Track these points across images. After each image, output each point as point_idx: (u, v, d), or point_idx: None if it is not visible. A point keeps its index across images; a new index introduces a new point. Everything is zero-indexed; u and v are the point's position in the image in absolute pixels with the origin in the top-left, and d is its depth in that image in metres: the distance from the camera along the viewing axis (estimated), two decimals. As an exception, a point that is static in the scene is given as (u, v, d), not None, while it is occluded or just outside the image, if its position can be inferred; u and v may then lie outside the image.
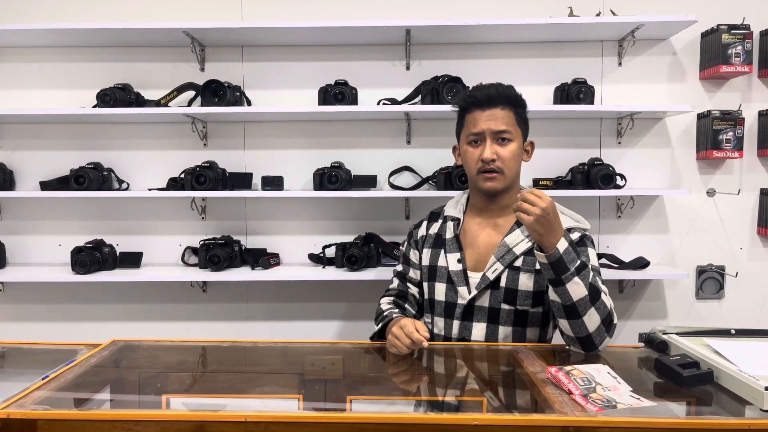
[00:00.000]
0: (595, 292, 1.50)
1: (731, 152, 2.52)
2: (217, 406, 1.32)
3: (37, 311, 2.74)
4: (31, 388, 1.28)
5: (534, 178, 2.56)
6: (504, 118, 1.67)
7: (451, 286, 1.73)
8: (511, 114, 1.69)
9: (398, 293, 1.86)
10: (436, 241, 1.81)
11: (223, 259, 2.50)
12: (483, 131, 1.67)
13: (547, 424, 1.11)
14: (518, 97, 1.72)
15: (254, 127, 2.68)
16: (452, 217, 1.81)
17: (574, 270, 1.46)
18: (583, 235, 1.70)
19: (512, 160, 1.68)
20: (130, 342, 1.68)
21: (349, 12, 2.62)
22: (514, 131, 1.69)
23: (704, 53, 2.58)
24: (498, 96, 1.68)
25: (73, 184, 2.48)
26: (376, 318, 1.79)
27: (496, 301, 1.68)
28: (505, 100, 1.68)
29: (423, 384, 1.43)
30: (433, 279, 1.78)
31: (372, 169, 2.62)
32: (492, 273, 1.67)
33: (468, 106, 1.71)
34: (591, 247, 1.70)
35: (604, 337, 1.53)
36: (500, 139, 1.67)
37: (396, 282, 1.90)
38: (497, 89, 1.69)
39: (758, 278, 2.67)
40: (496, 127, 1.66)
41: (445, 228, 1.81)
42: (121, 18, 2.63)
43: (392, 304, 1.81)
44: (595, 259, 1.68)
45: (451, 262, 1.74)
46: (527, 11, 2.58)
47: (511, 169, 1.69)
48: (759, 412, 1.15)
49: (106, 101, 2.44)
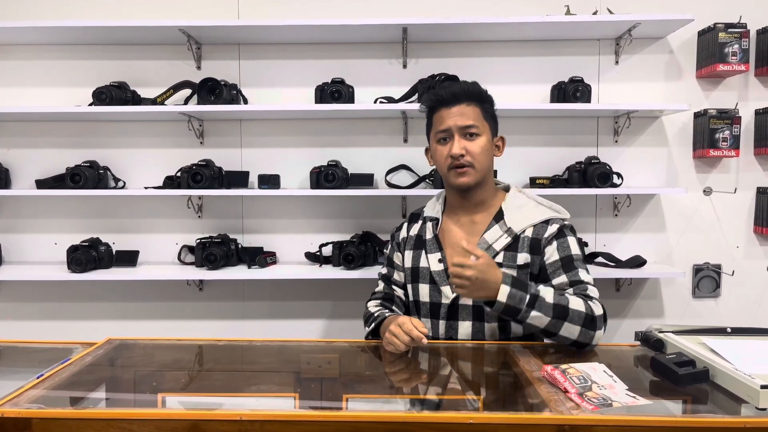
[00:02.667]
0: (561, 311, 1.49)
1: (728, 151, 2.52)
2: (212, 405, 1.32)
3: (32, 310, 2.73)
4: (25, 386, 1.27)
5: (531, 176, 2.56)
6: (470, 113, 1.68)
7: (434, 287, 1.73)
8: (477, 109, 1.70)
9: (384, 296, 1.87)
10: (417, 242, 1.81)
11: (220, 258, 2.50)
12: (450, 127, 1.68)
13: (543, 422, 1.11)
14: (483, 93, 1.73)
15: (251, 126, 2.68)
16: (431, 217, 1.82)
17: (526, 308, 1.47)
18: (562, 225, 1.70)
19: (481, 155, 1.69)
20: (126, 341, 1.68)
21: (346, 10, 2.61)
22: (480, 126, 1.69)
23: (701, 52, 2.59)
24: (462, 92, 1.69)
25: (69, 183, 2.48)
26: (365, 321, 1.79)
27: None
28: (469, 96, 1.70)
29: (419, 382, 1.43)
30: (416, 280, 1.78)
31: (369, 168, 2.61)
32: None
33: (435, 105, 1.73)
34: (571, 236, 1.70)
35: (591, 336, 1.53)
36: (468, 134, 1.68)
37: (381, 285, 1.90)
38: (461, 86, 1.72)
39: (754, 277, 2.68)
40: (462, 123, 1.67)
41: (425, 229, 1.82)
42: (117, 16, 2.62)
43: (380, 307, 1.81)
44: (577, 248, 1.68)
45: (432, 263, 1.75)
46: (524, 9, 2.58)
47: (482, 163, 1.69)
48: (755, 410, 1.15)
49: (102, 99, 2.43)
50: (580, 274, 1.63)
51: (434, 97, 1.73)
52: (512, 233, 1.68)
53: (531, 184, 2.54)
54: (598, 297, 1.60)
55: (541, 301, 1.48)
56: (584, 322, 1.50)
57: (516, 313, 1.47)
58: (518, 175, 2.62)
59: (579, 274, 1.63)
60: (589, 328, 1.51)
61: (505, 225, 1.70)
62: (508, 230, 1.69)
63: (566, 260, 1.65)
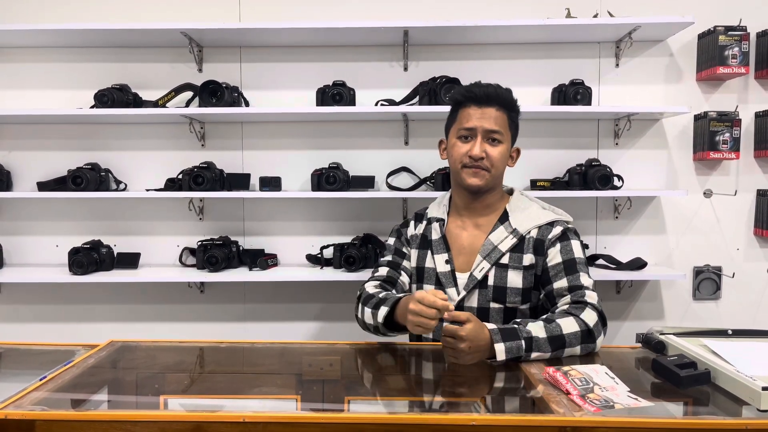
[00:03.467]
0: (557, 341, 1.47)
1: (728, 153, 2.53)
2: (215, 407, 1.32)
3: (34, 312, 2.73)
4: (28, 388, 1.27)
5: (531, 179, 2.57)
6: (498, 118, 1.68)
7: (440, 288, 1.72)
8: (505, 116, 1.69)
9: (387, 279, 1.78)
10: (423, 242, 1.80)
11: (221, 260, 2.50)
12: (475, 128, 1.67)
13: (545, 424, 1.11)
14: (514, 102, 1.72)
15: (252, 128, 2.68)
16: (437, 218, 1.81)
17: (524, 354, 1.44)
18: (566, 228, 1.70)
19: (500, 161, 1.69)
20: (128, 343, 1.68)
21: (347, 13, 2.62)
22: (505, 133, 1.69)
23: (701, 54, 2.59)
24: (495, 96, 1.68)
25: (70, 185, 2.48)
26: (364, 301, 1.69)
27: (485, 300, 1.68)
28: (501, 101, 1.69)
29: (421, 384, 1.43)
30: (420, 281, 1.77)
31: (370, 170, 2.61)
32: (479, 272, 1.68)
33: (464, 101, 1.71)
34: (575, 239, 1.70)
35: (593, 347, 1.53)
36: (491, 139, 1.68)
37: (385, 270, 1.81)
38: (496, 89, 1.69)
39: (755, 279, 2.68)
40: (489, 126, 1.67)
41: (430, 229, 1.80)
42: (119, 18, 2.63)
43: (380, 288, 1.74)
44: (580, 252, 1.68)
45: (438, 263, 1.74)
46: (525, 12, 2.59)
47: (498, 170, 1.69)
48: (756, 412, 1.15)
49: (103, 102, 2.44)
50: (581, 278, 1.63)
51: (466, 93, 1.71)
52: (518, 234, 1.69)
53: (532, 186, 2.54)
54: (597, 301, 1.59)
55: (536, 342, 1.45)
56: (582, 340, 1.50)
57: (518, 359, 1.44)
58: (519, 177, 2.62)
59: (580, 279, 1.63)
60: (588, 342, 1.51)
61: (510, 226, 1.70)
62: (513, 231, 1.69)
63: (569, 263, 1.65)
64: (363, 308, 1.70)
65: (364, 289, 1.75)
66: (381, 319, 1.59)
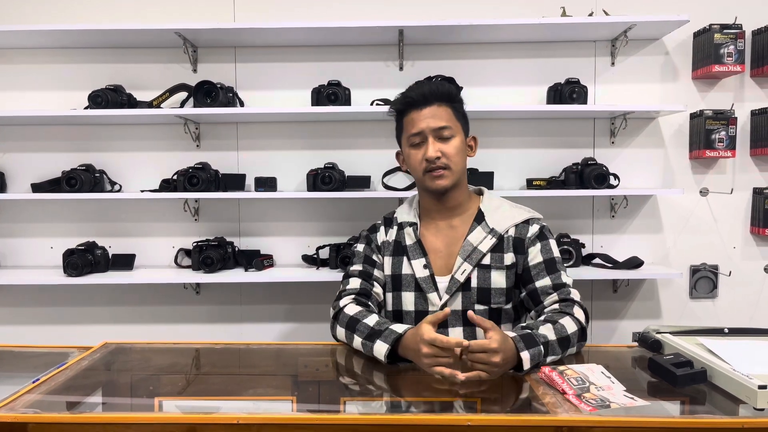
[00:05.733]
0: (565, 342, 1.47)
1: (724, 152, 2.53)
2: (209, 409, 1.31)
3: (28, 314, 2.72)
4: (21, 391, 1.27)
5: (527, 178, 2.57)
6: (442, 114, 1.65)
7: (420, 294, 1.68)
8: (449, 110, 1.67)
9: (360, 292, 1.68)
10: (396, 248, 1.74)
11: (217, 261, 2.49)
12: (423, 130, 1.64)
13: (541, 424, 1.11)
14: (453, 92, 1.69)
15: (247, 128, 2.67)
16: (409, 222, 1.75)
17: (544, 359, 1.42)
18: (541, 226, 1.70)
19: (457, 155, 1.66)
20: (122, 344, 1.67)
21: (342, 12, 2.61)
22: (454, 126, 1.66)
23: (696, 53, 2.59)
24: (432, 93, 1.65)
25: (64, 186, 2.47)
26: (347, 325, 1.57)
27: (469, 302, 1.65)
28: (440, 96, 1.66)
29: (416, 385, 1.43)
30: (398, 289, 1.71)
31: (366, 170, 2.61)
32: (461, 274, 1.65)
33: (404, 108, 1.69)
34: (552, 238, 1.70)
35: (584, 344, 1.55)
36: (441, 137, 1.65)
37: (357, 281, 1.71)
38: (431, 86, 1.67)
39: (751, 277, 2.68)
40: (435, 124, 1.64)
41: (402, 234, 1.74)
42: (112, 19, 2.62)
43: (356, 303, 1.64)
44: (557, 250, 1.68)
45: (417, 269, 1.68)
46: (520, 11, 2.58)
47: (457, 165, 1.66)
48: (752, 410, 1.15)
49: (97, 102, 2.43)
50: (563, 277, 1.64)
51: (404, 99, 1.68)
52: (496, 234, 1.67)
53: (528, 186, 2.54)
54: (579, 298, 1.61)
55: (551, 346, 1.43)
56: (579, 338, 1.51)
57: (541, 363, 1.41)
58: (515, 177, 2.62)
59: (561, 277, 1.64)
60: (582, 340, 1.53)
61: (487, 226, 1.68)
62: (491, 231, 1.67)
63: (549, 263, 1.65)
64: (346, 332, 1.57)
65: (341, 308, 1.63)
66: (383, 358, 1.46)
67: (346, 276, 1.76)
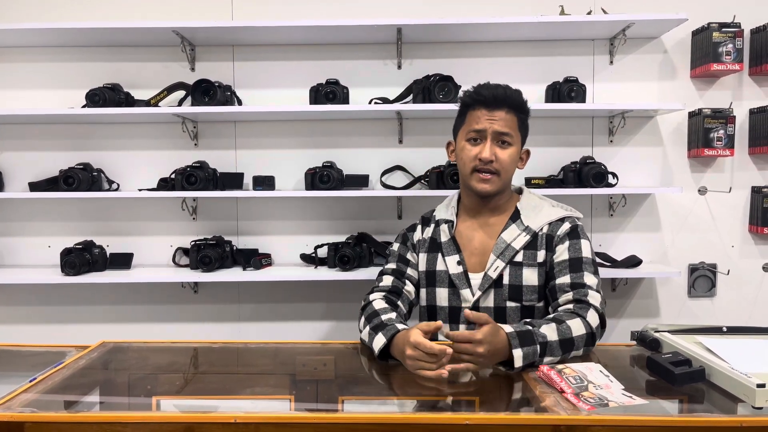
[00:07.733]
0: (567, 344, 1.45)
1: (722, 150, 2.53)
2: (207, 408, 1.31)
3: (26, 313, 2.71)
4: (18, 390, 1.26)
5: (526, 177, 2.56)
6: (508, 120, 1.65)
7: (453, 290, 1.70)
8: (515, 118, 1.67)
9: (392, 289, 1.73)
10: (432, 245, 1.77)
11: (215, 260, 2.49)
12: (485, 129, 1.65)
13: (539, 422, 1.11)
14: (524, 103, 1.70)
15: (245, 127, 2.67)
16: (445, 219, 1.78)
17: (538, 359, 1.41)
18: (575, 225, 1.69)
19: (510, 164, 1.67)
20: (120, 343, 1.67)
21: (340, 11, 2.60)
22: (515, 135, 1.67)
23: (695, 51, 2.59)
24: (505, 98, 1.66)
25: (62, 185, 2.46)
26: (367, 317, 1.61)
27: (501, 299, 1.66)
28: (511, 103, 1.66)
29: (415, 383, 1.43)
30: (432, 284, 1.74)
31: (364, 169, 2.61)
32: (494, 271, 1.66)
33: (473, 103, 1.68)
34: (584, 239, 1.68)
35: (591, 348, 1.52)
36: (501, 142, 1.65)
37: (389, 279, 1.76)
38: (505, 91, 1.67)
39: (750, 276, 2.68)
40: (499, 129, 1.64)
41: (438, 231, 1.77)
42: (110, 17, 2.61)
43: (384, 300, 1.68)
44: (588, 251, 1.66)
45: (450, 265, 1.71)
46: (519, 10, 2.58)
47: (507, 173, 1.68)
48: (751, 409, 1.15)
49: (95, 101, 2.42)
50: (585, 277, 1.61)
51: (475, 95, 1.68)
52: (530, 231, 1.67)
53: (526, 184, 2.53)
54: (600, 303, 1.57)
55: (550, 346, 1.42)
56: (586, 342, 1.49)
57: (535, 363, 1.41)
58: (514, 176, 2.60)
59: (583, 277, 1.60)
60: (589, 344, 1.51)
61: (522, 224, 1.69)
62: (526, 228, 1.68)
63: (575, 261, 1.63)
64: (364, 322, 1.61)
65: (369, 301, 1.69)
66: (377, 351, 1.49)
67: (381, 274, 1.80)
